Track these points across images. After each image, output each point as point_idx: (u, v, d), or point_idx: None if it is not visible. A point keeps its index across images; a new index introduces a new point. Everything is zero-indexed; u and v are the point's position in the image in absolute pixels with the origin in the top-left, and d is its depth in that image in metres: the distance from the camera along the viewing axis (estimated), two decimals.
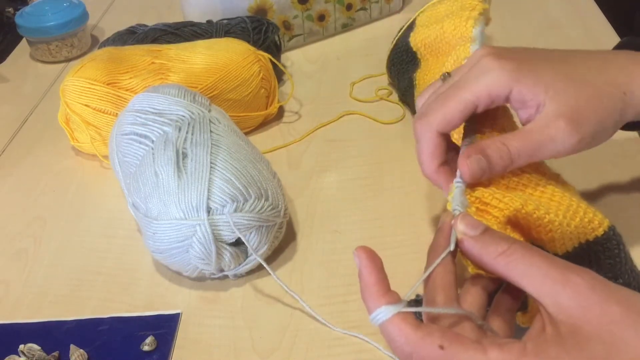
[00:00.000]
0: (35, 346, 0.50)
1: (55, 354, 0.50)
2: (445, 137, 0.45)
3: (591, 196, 0.58)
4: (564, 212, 0.41)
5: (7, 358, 0.50)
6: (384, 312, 0.33)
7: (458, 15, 0.61)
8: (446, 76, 0.47)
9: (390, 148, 0.68)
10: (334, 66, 0.83)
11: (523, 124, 0.43)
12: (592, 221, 0.42)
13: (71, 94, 0.66)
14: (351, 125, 0.72)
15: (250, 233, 0.52)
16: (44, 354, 0.50)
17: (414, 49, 0.68)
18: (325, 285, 0.54)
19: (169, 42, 0.74)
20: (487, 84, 0.42)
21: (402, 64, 0.71)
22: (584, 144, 0.42)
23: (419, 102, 0.48)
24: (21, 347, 0.50)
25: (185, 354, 0.49)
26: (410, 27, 0.71)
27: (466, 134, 0.45)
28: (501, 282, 0.40)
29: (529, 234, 0.42)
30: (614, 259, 0.43)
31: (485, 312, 0.39)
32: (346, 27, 0.90)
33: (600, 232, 0.42)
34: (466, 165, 0.40)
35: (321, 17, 0.87)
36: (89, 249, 0.60)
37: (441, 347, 0.32)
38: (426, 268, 0.38)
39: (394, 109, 0.74)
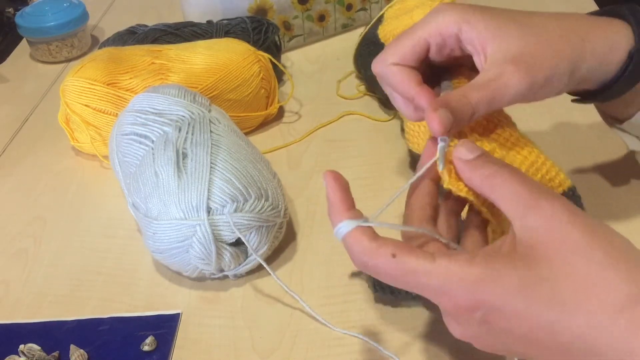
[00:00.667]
0: (35, 346, 0.50)
1: (55, 354, 0.50)
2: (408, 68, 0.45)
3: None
4: (527, 166, 0.43)
5: (7, 358, 0.50)
6: (345, 226, 0.36)
7: (428, 5, 0.62)
8: None
9: (390, 148, 0.68)
10: (334, 66, 0.83)
11: (479, 71, 0.43)
12: (554, 180, 0.44)
13: (71, 94, 0.66)
14: (351, 125, 0.72)
15: (250, 233, 0.52)
16: (44, 354, 0.50)
17: (382, 40, 0.69)
18: (325, 285, 0.54)
19: (169, 43, 0.74)
20: (437, 22, 0.43)
21: (370, 55, 0.71)
22: (537, 88, 0.42)
23: None
24: (21, 347, 0.50)
25: (185, 354, 0.49)
26: (379, 20, 0.72)
27: (443, 86, 0.46)
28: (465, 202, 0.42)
29: None
30: None
31: (458, 234, 0.41)
32: (346, 28, 0.90)
33: (559, 191, 0.44)
34: (434, 118, 0.40)
35: (321, 18, 0.87)
36: (89, 249, 0.60)
37: (393, 255, 0.34)
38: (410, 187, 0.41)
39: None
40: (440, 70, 0.47)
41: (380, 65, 0.45)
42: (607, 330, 0.31)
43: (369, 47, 0.72)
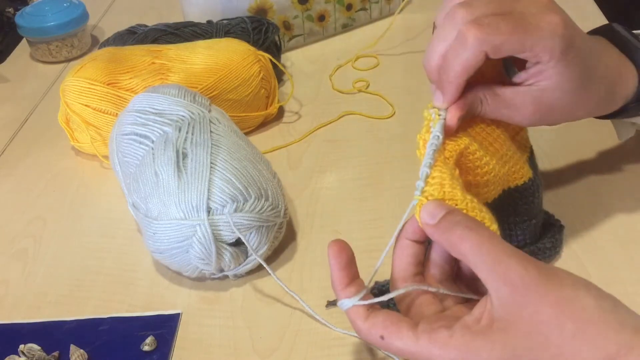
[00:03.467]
0: (35, 346, 0.50)
1: (55, 354, 0.50)
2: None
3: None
4: (498, 158, 0.45)
5: (7, 358, 0.50)
6: (344, 305, 0.39)
7: None
8: None
9: (390, 148, 0.68)
10: (334, 66, 0.83)
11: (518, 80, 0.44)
12: (517, 172, 0.48)
13: (71, 94, 0.66)
14: (351, 125, 0.72)
15: (250, 233, 0.52)
16: (44, 354, 0.50)
17: None
18: (325, 285, 0.54)
19: (169, 42, 0.74)
20: (544, 40, 0.41)
21: None
22: (529, 121, 0.44)
23: None
24: (21, 347, 0.50)
25: (185, 354, 0.49)
26: None
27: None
28: None
29: (466, 177, 0.44)
30: (529, 205, 0.49)
31: (450, 270, 0.42)
32: (346, 27, 0.90)
33: (520, 182, 0.48)
34: (460, 106, 0.42)
35: (321, 18, 0.87)
36: (89, 249, 0.60)
37: (382, 338, 0.37)
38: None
39: (384, 104, 0.74)
40: None
41: (478, 42, 0.39)
42: None
43: None
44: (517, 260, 0.35)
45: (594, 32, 0.50)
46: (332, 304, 0.52)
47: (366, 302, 0.39)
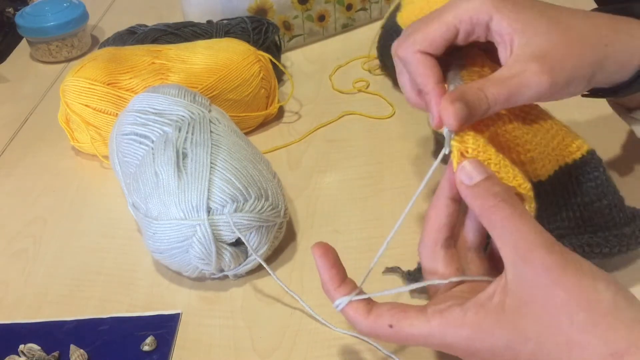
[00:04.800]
0: (35, 346, 0.50)
1: (55, 354, 0.50)
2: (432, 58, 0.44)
3: None
4: (543, 133, 0.43)
5: (7, 358, 0.50)
6: (339, 304, 0.39)
7: None
8: None
9: (390, 148, 0.68)
10: (334, 66, 0.83)
11: (502, 63, 0.42)
12: (570, 145, 0.44)
13: (71, 94, 0.66)
14: (351, 125, 0.72)
15: (250, 233, 0.52)
16: (44, 354, 0.50)
17: (403, 28, 0.69)
18: None
19: (169, 42, 0.74)
20: (468, 8, 0.42)
21: None
22: (557, 89, 0.41)
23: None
24: (21, 347, 0.50)
25: (185, 354, 0.49)
26: (397, 8, 0.72)
27: (450, 75, 0.44)
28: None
29: (509, 156, 0.42)
30: (594, 181, 0.44)
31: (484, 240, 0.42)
32: (346, 27, 0.90)
33: (578, 155, 0.44)
34: (450, 112, 0.39)
35: (321, 17, 0.87)
36: (89, 249, 0.60)
37: (390, 326, 0.37)
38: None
39: (384, 104, 0.74)
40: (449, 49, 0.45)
41: (406, 52, 0.43)
42: None
43: (392, 37, 0.72)
44: (543, 242, 0.35)
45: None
46: (392, 270, 0.51)
47: (366, 296, 0.38)
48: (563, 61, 0.41)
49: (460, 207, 0.41)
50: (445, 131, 0.39)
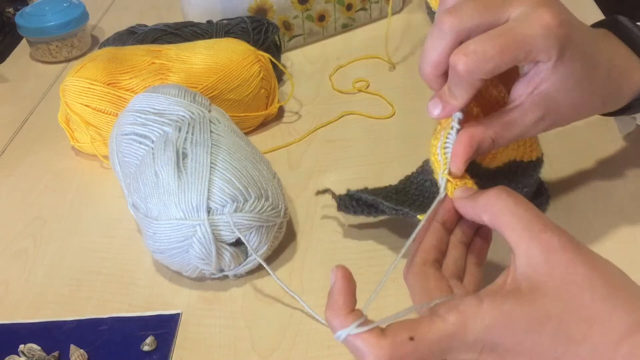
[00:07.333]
0: (35, 346, 0.50)
1: (55, 354, 0.50)
2: None
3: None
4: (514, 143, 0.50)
5: (7, 358, 0.50)
6: (352, 330, 0.34)
7: None
8: None
9: (390, 148, 0.68)
10: (334, 66, 0.83)
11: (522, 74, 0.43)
12: (529, 150, 0.52)
13: (71, 94, 0.66)
14: (351, 125, 0.72)
15: (250, 233, 0.52)
16: (44, 354, 0.50)
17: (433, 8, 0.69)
18: (325, 285, 0.53)
19: (169, 42, 0.74)
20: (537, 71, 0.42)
21: None
22: (543, 128, 0.44)
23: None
24: (21, 347, 0.50)
25: (185, 354, 0.49)
26: None
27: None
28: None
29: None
30: (528, 178, 0.52)
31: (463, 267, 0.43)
32: (346, 27, 0.90)
33: (531, 158, 0.52)
34: (461, 157, 0.42)
35: (321, 17, 0.87)
36: (89, 249, 0.60)
37: (411, 339, 0.34)
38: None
39: (384, 104, 0.74)
40: None
41: (474, 71, 0.39)
42: (609, 359, 0.33)
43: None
44: (550, 224, 0.36)
45: (598, 24, 0.49)
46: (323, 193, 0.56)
47: (378, 323, 0.34)
48: (570, 114, 0.45)
49: (447, 237, 0.42)
50: (442, 180, 0.43)
